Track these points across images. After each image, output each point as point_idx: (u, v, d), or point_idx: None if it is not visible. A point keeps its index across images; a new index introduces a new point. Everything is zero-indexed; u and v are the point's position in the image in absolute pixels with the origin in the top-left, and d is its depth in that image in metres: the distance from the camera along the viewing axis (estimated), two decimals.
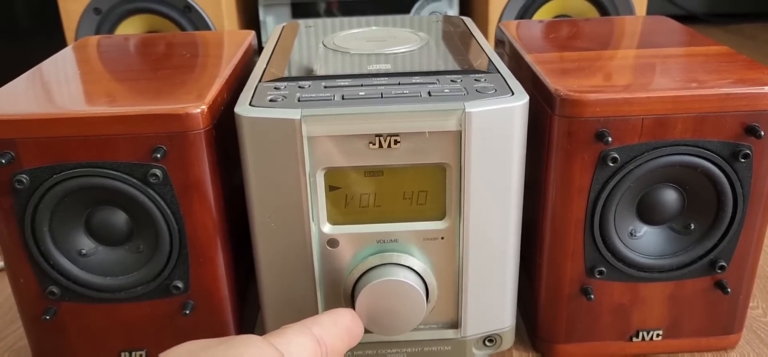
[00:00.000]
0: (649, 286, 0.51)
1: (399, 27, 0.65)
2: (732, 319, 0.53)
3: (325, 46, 0.59)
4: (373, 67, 0.52)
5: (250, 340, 0.32)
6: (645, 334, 0.53)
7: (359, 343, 0.51)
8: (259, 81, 0.50)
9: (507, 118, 0.44)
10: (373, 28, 0.65)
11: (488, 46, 0.57)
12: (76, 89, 0.51)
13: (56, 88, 0.51)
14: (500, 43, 0.66)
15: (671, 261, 0.50)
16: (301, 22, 0.70)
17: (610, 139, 0.45)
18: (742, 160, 0.46)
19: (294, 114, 0.43)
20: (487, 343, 0.53)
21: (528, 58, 0.54)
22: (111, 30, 1.08)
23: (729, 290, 0.51)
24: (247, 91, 0.48)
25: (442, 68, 0.51)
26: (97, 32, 1.08)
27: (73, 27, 1.08)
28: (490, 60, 0.53)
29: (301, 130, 0.43)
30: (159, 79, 0.52)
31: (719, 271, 0.51)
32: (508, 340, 0.53)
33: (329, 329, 0.38)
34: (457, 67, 0.52)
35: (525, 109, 0.45)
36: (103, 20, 1.07)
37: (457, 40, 0.60)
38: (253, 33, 0.67)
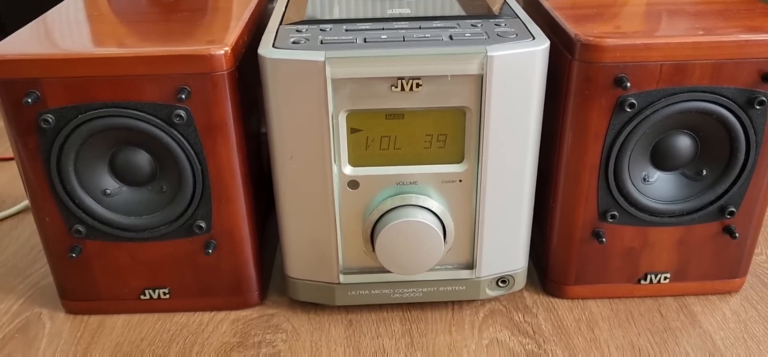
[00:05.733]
0: (660, 231, 0.53)
1: None
2: (738, 263, 0.55)
3: None
4: (393, 11, 0.52)
5: None
6: (653, 277, 0.55)
7: (377, 283, 0.53)
8: (280, 24, 0.50)
9: (528, 62, 0.45)
10: None
11: None
12: (96, 32, 0.51)
13: (73, 31, 0.51)
14: None
15: (682, 206, 0.51)
16: None
17: (628, 84, 0.46)
18: (758, 107, 0.47)
19: (318, 56, 0.44)
20: (500, 283, 0.54)
21: (546, 4, 0.54)
22: None
23: (737, 235, 0.52)
24: (268, 33, 0.48)
25: (462, 13, 0.52)
26: None
27: None
28: (509, 5, 0.53)
29: (325, 72, 0.44)
30: (178, 22, 0.52)
31: (728, 217, 0.52)
32: (521, 281, 0.55)
33: None
34: (477, 12, 0.52)
35: (545, 53, 0.46)
36: None
37: None
38: None
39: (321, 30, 0.48)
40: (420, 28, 0.48)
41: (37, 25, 0.52)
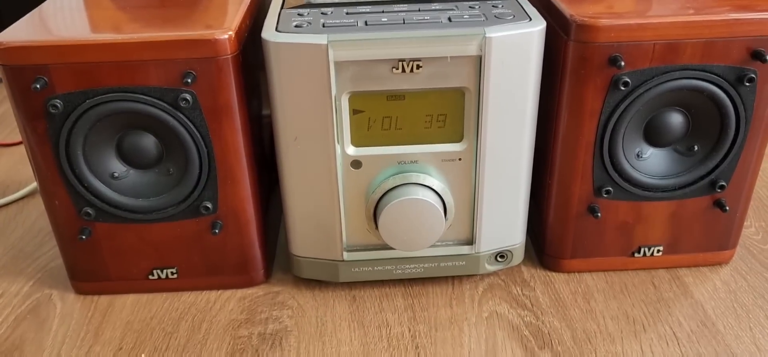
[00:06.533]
0: (653, 205, 0.54)
1: None
2: (728, 236, 0.57)
3: None
4: None
5: None
6: (646, 249, 0.57)
7: (380, 259, 0.55)
8: (282, 7, 0.51)
9: (525, 43, 0.46)
10: None
11: None
12: (98, 18, 0.52)
13: (75, 18, 0.52)
14: None
15: (674, 181, 0.53)
16: None
17: (622, 63, 0.47)
18: (747, 84, 0.49)
19: (321, 39, 0.45)
20: (498, 258, 0.56)
21: None
22: None
23: (727, 208, 0.54)
24: (271, 17, 0.49)
25: None
26: None
27: None
28: None
29: (328, 55, 0.45)
30: (179, 7, 0.53)
31: (719, 191, 0.54)
32: (519, 256, 0.57)
33: None
34: None
35: (542, 34, 0.47)
36: None
37: None
38: None
39: (322, 13, 0.49)
40: (419, 10, 0.49)
41: (38, 13, 0.52)
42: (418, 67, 0.46)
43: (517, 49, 0.46)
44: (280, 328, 0.53)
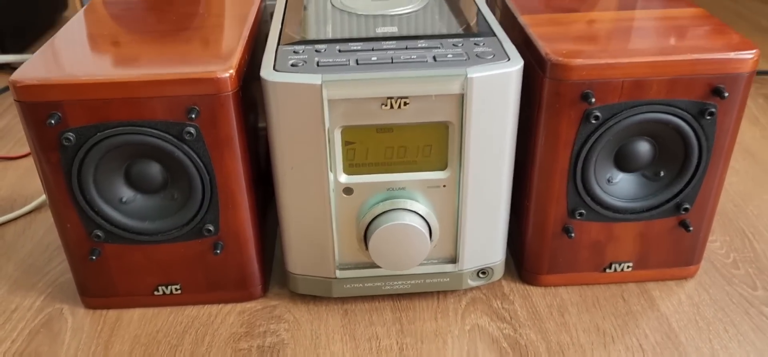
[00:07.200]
0: (622, 225, 0.59)
1: None
2: (692, 252, 0.61)
3: (333, 6, 0.63)
4: (381, 30, 0.57)
5: None
6: (617, 265, 0.61)
7: (370, 277, 0.59)
8: (278, 44, 0.55)
9: (504, 81, 0.50)
10: None
11: (484, 5, 0.62)
12: (107, 55, 0.55)
13: (86, 55, 0.55)
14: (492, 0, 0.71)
15: (642, 203, 0.57)
16: None
17: (593, 99, 0.51)
18: (708, 117, 0.53)
19: (315, 79, 0.49)
20: (480, 274, 0.60)
21: (521, 19, 0.59)
22: None
23: (691, 228, 0.59)
24: (268, 54, 0.53)
25: (444, 31, 0.56)
26: None
27: None
28: (487, 23, 0.58)
29: (322, 94, 0.49)
30: (183, 42, 0.56)
31: (683, 213, 0.58)
32: (499, 272, 0.61)
33: None
34: (458, 30, 0.57)
35: (520, 73, 0.51)
36: None
37: (456, 0, 0.65)
38: None
39: (316, 51, 0.53)
40: (406, 48, 0.53)
41: (50, 48, 0.55)
42: (406, 103, 0.50)
43: (496, 88, 0.50)
44: (277, 340, 0.57)
